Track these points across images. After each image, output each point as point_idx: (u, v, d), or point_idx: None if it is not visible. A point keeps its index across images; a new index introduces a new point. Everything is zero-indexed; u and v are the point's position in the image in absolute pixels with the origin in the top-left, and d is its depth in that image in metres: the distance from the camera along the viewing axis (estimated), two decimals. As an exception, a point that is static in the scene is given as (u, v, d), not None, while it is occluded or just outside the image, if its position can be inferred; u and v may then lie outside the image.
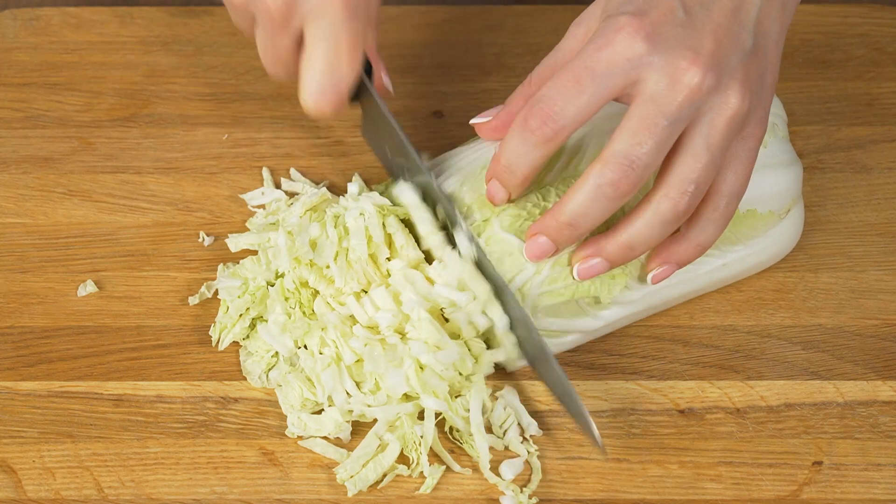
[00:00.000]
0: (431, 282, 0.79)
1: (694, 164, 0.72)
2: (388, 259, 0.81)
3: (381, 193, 0.83)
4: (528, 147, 0.72)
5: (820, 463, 0.77)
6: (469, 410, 0.77)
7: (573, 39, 0.76)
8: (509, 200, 0.78)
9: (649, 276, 0.79)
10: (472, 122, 0.81)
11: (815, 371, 0.81)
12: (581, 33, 0.76)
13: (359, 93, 0.83)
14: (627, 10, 0.71)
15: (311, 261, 0.80)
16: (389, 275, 0.81)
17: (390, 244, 0.81)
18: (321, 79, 0.77)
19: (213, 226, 0.89)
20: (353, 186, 0.85)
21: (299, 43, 0.79)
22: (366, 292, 0.81)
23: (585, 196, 0.72)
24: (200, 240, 0.88)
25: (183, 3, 1.04)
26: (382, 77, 0.84)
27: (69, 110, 0.96)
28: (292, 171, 0.92)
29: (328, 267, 0.80)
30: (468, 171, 0.81)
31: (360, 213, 0.80)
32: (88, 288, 0.85)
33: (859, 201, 0.91)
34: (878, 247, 0.88)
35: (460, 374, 0.77)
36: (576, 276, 0.77)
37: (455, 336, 0.78)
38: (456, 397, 0.78)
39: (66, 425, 0.79)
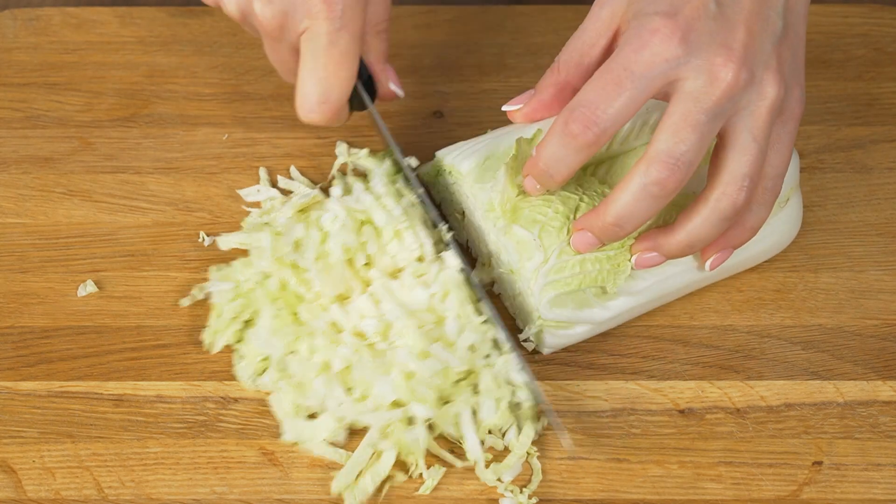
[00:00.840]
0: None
1: (744, 158, 0.73)
2: (366, 265, 0.81)
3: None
4: (570, 151, 0.73)
5: (820, 463, 0.77)
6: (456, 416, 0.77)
7: (597, 22, 0.76)
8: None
9: (707, 264, 0.80)
10: (504, 108, 0.82)
11: (815, 371, 0.81)
12: (606, 16, 0.76)
13: (362, 100, 0.84)
14: (660, 8, 0.71)
15: (293, 262, 0.80)
16: (369, 282, 0.81)
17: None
18: (311, 94, 0.79)
19: (213, 226, 0.89)
20: (337, 189, 0.85)
21: (298, 51, 0.80)
22: (347, 298, 0.81)
23: (631, 196, 0.73)
24: (200, 240, 0.88)
25: (183, 3, 1.04)
26: (390, 84, 0.85)
27: (69, 110, 0.96)
28: (292, 170, 0.92)
29: (308, 270, 0.80)
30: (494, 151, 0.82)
31: (335, 217, 0.80)
32: (88, 288, 0.85)
33: (859, 201, 0.91)
34: (878, 247, 0.88)
35: (446, 380, 0.77)
36: (633, 266, 0.79)
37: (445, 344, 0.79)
38: (445, 403, 0.78)
39: (66, 425, 0.79)
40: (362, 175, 0.88)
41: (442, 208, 0.88)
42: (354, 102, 0.83)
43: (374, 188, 0.83)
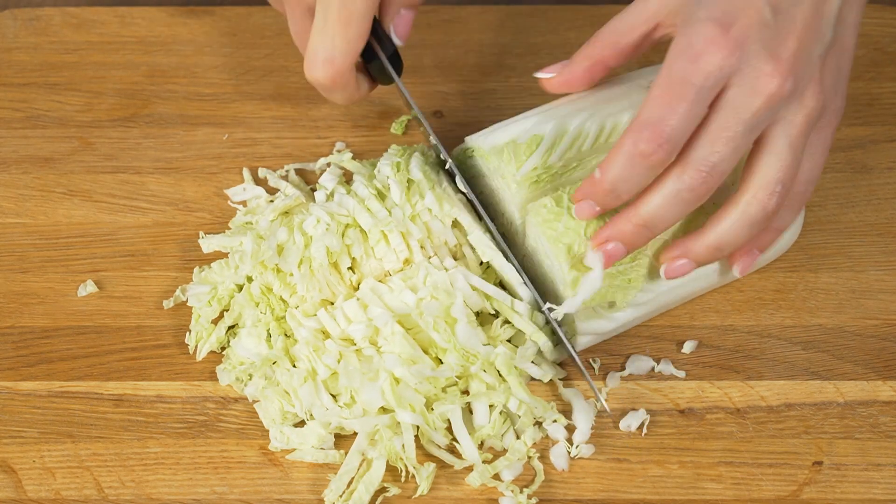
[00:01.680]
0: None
1: (779, 165, 0.73)
2: (350, 269, 0.81)
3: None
4: (642, 171, 0.72)
5: (820, 463, 0.77)
6: (448, 420, 0.77)
7: (643, 10, 0.76)
8: None
9: (736, 268, 0.81)
10: (536, 74, 0.81)
11: (815, 371, 0.81)
12: (652, 7, 0.76)
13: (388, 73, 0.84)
14: (713, 14, 0.71)
15: (276, 266, 0.80)
16: (355, 286, 0.81)
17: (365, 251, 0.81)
18: (317, 51, 0.80)
19: (213, 226, 0.89)
20: (320, 194, 0.85)
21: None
22: (331, 304, 0.80)
23: (664, 199, 0.73)
24: (200, 240, 0.88)
25: (183, 3, 1.04)
26: (391, 29, 0.84)
27: (69, 110, 0.96)
28: (290, 171, 0.92)
29: (292, 275, 0.80)
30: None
31: (318, 221, 0.80)
32: (88, 288, 0.85)
33: (859, 201, 0.91)
34: (878, 247, 0.88)
35: (434, 386, 0.77)
36: (663, 276, 0.78)
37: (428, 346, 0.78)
38: (431, 409, 0.77)
39: (67, 425, 0.79)
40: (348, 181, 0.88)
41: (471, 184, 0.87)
42: (382, 76, 0.84)
43: (356, 191, 0.83)
